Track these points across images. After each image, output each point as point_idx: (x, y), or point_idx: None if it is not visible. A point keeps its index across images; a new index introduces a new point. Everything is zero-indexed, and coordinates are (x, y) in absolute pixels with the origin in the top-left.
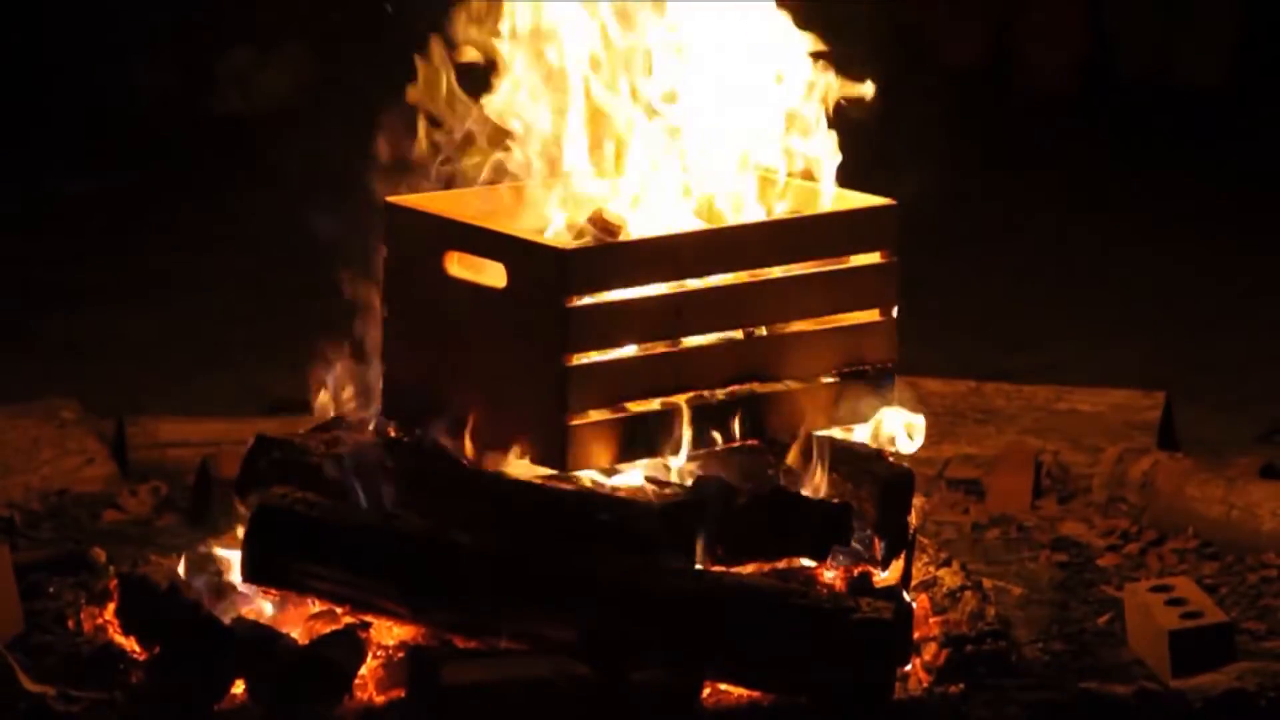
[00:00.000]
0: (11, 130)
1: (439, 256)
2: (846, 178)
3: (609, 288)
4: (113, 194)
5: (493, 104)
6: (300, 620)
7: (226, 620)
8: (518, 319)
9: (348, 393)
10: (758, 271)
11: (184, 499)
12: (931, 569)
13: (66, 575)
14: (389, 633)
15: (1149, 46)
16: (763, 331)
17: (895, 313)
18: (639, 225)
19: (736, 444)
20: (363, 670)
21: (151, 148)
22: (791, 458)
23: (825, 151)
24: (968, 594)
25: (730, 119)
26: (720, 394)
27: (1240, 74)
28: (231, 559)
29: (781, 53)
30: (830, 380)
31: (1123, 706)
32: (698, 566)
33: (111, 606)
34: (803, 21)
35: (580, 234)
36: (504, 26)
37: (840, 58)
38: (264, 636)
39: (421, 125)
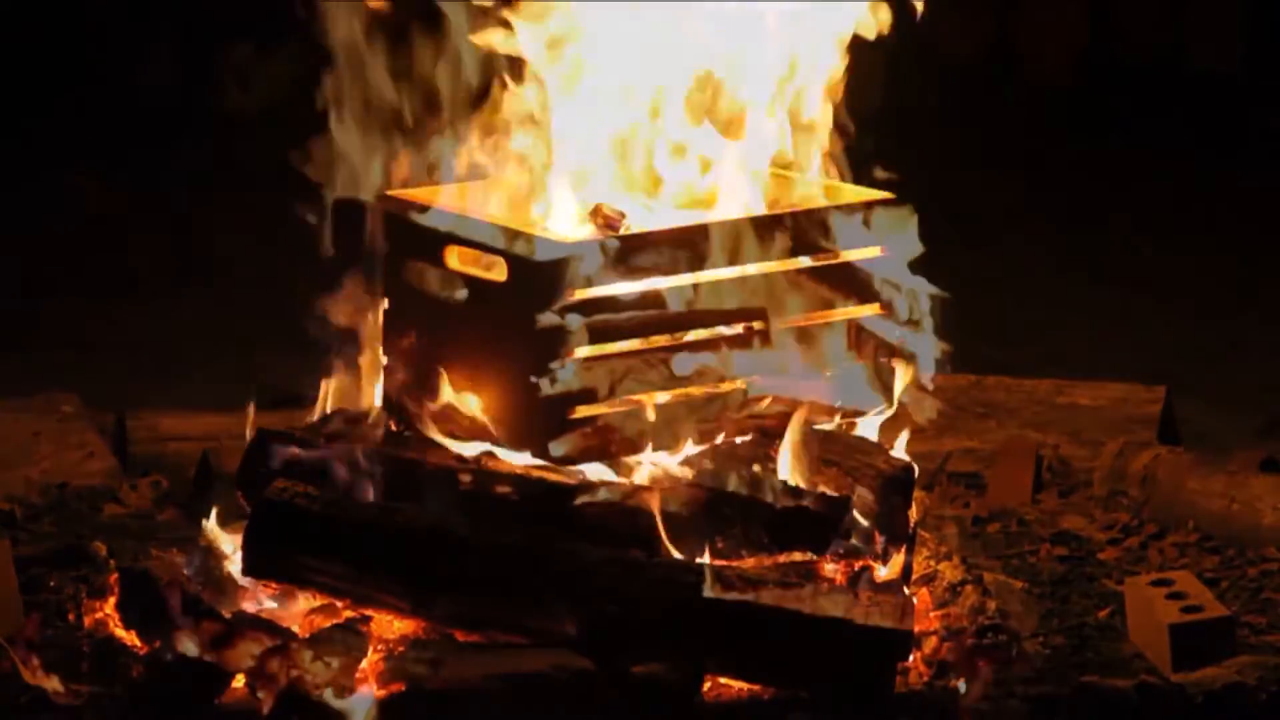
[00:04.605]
0: (12, 125)
1: (438, 250)
2: (847, 172)
3: (609, 281)
4: (112, 187)
5: (496, 98)
6: (301, 614)
7: (227, 614)
8: (517, 312)
9: (348, 386)
10: (758, 265)
11: (184, 493)
12: (932, 563)
13: (67, 569)
14: (390, 626)
15: (1157, 31)
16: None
17: None
18: (639, 219)
19: (737, 439)
20: (364, 664)
21: (151, 142)
22: (788, 451)
23: (826, 145)
24: (968, 588)
25: (731, 114)
26: (721, 388)
27: (1250, 58)
28: (232, 553)
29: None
30: (832, 374)
31: (1123, 700)
32: (697, 560)
33: (112, 600)
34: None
35: (580, 227)
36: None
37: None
38: (265, 630)
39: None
